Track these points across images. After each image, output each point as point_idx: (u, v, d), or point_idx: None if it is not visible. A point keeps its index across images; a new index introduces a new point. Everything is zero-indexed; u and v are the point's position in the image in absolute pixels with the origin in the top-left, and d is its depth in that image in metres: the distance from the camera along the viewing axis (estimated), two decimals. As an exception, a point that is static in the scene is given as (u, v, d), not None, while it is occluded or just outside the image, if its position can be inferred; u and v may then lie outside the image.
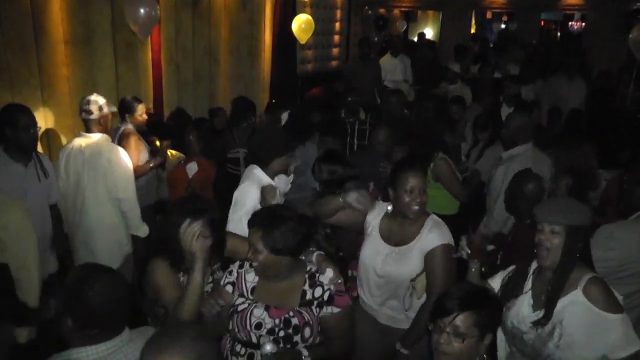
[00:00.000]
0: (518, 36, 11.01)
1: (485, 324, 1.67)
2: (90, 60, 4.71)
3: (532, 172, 2.95)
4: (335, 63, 9.45)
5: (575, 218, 1.93)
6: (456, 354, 1.65)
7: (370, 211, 2.58)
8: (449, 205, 3.80)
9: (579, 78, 6.29)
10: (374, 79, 6.74)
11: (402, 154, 3.57)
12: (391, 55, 7.57)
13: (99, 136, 3.39)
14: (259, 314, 2.02)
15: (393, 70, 7.37)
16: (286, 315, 2.01)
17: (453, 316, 1.65)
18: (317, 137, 4.30)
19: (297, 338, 2.01)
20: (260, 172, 2.91)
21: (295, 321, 2.01)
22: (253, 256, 2.00)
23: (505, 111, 5.29)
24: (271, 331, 2.00)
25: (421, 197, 2.41)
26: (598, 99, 6.07)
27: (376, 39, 10.29)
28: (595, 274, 1.95)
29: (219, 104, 5.93)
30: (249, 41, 6.90)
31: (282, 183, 3.25)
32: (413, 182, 2.40)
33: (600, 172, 4.13)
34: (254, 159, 3.00)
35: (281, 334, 2.00)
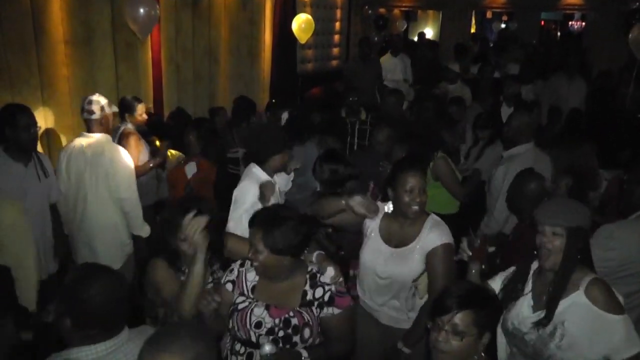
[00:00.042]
0: (518, 36, 11.02)
1: (484, 322, 1.67)
2: (90, 60, 4.71)
3: (535, 172, 2.95)
4: (335, 63, 9.45)
5: (576, 219, 1.92)
6: (454, 352, 1.65)
7: (374, 217, 2.54)
8: (449, 205, 3.80)
9: (579, 78, 6.28)
10: (375, 79, 6.74)
11: (402, 154, 3.57)
12: (391, 54, 7.57)
13: (100, 136, 3.38)
14: (259, 312, 2.02)
15: (393, 69, 7.36)
16: (286, 315, 2.00)
17: (452, 314, 1.65)
18: (318, 138, 4.30)
19: (297, 338, 2.00)
20: (258, 170, 2.93)
21: (295, 321, 2.00)
22: (254, 256, 1.99)
23: (506, 111, 5.29)
24: (271, 331, 1.99)
25: (421, 197, 2.41)
26: (598, 98, 6.06)
27: (376, 38, 10.28)
28: (597, 275, 1.95)
29: (219, 104, 5.93)
30: (249, 41, 6.90)
31: (283, 181, 3.26)
32: (413, 182, 2.40)
33: (601, 172, 4.12)
34: (252, 157, 3.01)
35: (280, 334, 1.99)
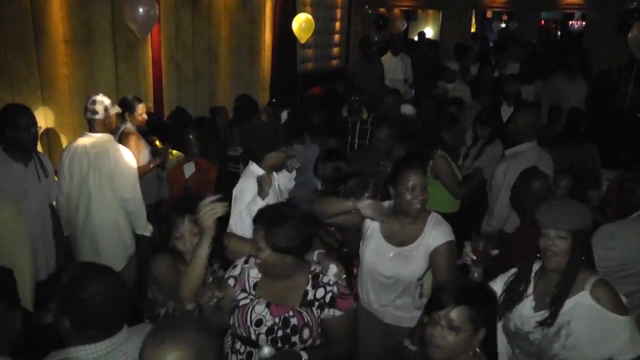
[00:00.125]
0: (518, 35, 11.01)
1: (479, 318, 1.67)
2: (90, 60, 4.71)
3: (539, 170, 2.95)
4: (335, 62, 9.44)
5: (580, 222, 1.93)
6: (449, 347, 1.65)
7: (382, 220, 2.50)
8: (449, 204, 3.79)
9: (580, 77, 6.26)
10: (377, 79, 6.74)
11: (402, 153, 3.58)
12: (392, 54, 7.58)
13: (103, 136, 3.35)
14: (260, 310, 2.01)
15: (393, 69, 7.37)
16: (285, 315, 1.99)
17: (448, 309, 1.64)
18: (318, 137, 4.30)
19: (295, 339, 1.99)
20: (256, 168, 2.96)
21: (294, 321, 1.99)
22: (256, 253, 1.99)
23: (506, 110, 5.29)
24: (270, 330, 1.98)
25: (423, 195, 2.42)
26: (598, 98, 6.06)
27: (376, 38, 10.28)
28: (600, 276, 1.96)
29: (219, 103, 5.92)
30: (249, 40, 6.90)
31: (286, 180, 3.30)
32: (414, 180, 2.40)
33: (602, 172, 4.12)
34: (249, 155, 3.05)
35: (279, 334, 1.98)
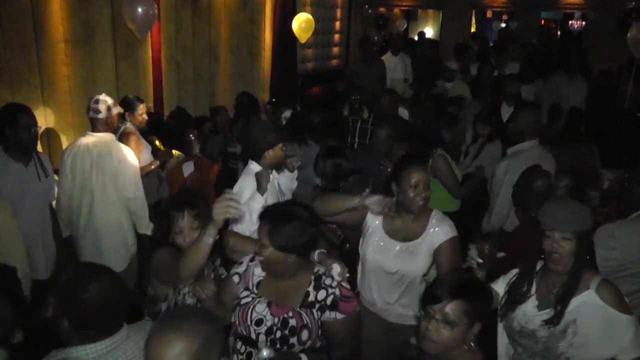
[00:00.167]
0: (518, 35, 10.99)
1: (475, 312, 1.66)
2: (91, 59, 4.70)
3: (541, 169, 2.95)
4: (335, 62, 9.44)
5: (584, 223, 1.93)
6: (444, 341, 1.64)
7: (391, 214, 2.49)
8: (449, 203, 3.78)
9: (580, 77, 6.26)
10: (377, 79, 6.73)
11: (402, 152, 3.59)
12: (392, 54, 7.58)
13: (106, 136, 3.33)
14: (261, 309, 2.00)
15: (393, 69, 7.36)
16: (285, 316, 1.98)
17: (443, 304, 1.64)
18: (318, 137, 4.30)
19: (294, 340, 1.97)
20: (255, 165, 3.02)
21: (292, 322, 1.97)
22: (259, 250, 1.98)
23: (506, 110, 5.28)
24: (269, 330, 1.97)
25: (425, 192, 2.43)
26: (598, 98, 6.06)
27: (376, 38, 10.28)
28: (603, 276, 1.97)
29: (219, 103, 5.92)
30: (249, 40, 6.89)
31: (287, 180, 3.34)
32: (417, 177, 2.41)
33: (602, 172, 4.12)
34: (249, 153, 3.11)
35: (278, 334, 1.97)
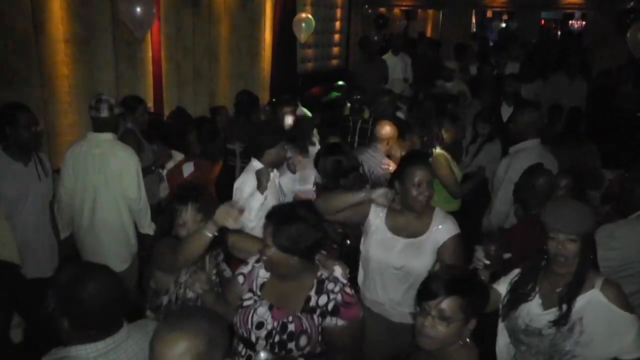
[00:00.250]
0: (518, 35, 10.99)
1: (470, 308, 1.65)
2: (91, 59, 4.71)
3: (543, 167, 2.95)
4: (335, 62, 9.45)
5: (588, 224, 1.94)
6: (440, 337, 1.63)
7: (398, 207, 2.50)
8: (449, 202, 3.78)
9: (580, 77, 6.26)
10: (378, 79, 6.73)
11: (401, 152, 3.59)
12: (392, 53, 7.57)
13: (108, 136, 3.29)
14: (263, 312, 1.98)
15: (393, 68, 7.35)
16: (284, 320, 1.95)
17: (439, 300, 1.62)
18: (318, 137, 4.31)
19: (292, 345, 1.94)
20: (257, 163, 3.09)
21: (291, 327, 1.94)
22: (263, 250, 1.96)
23: (505, 110, 5.29)
24: (269, 333, 1.95)
25: (428, 191, 2.44)
26: (598, 98, 6.05)
27: (376, 37, 10.26)
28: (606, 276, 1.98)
29: (219, 103, 5.92)
30: (249, 40, 6.90)
31: (289, 181, 3.38)
32: (420, 176, 2.42)
33: (603, 172, 4.12)
34: (251, 151, 3.19)
35: (277, 339, 1.94)
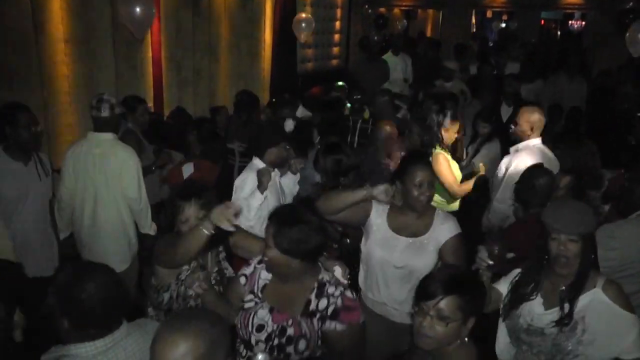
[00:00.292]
0: (518, 35, 11.00)
1: (469, 308, 1.65)
2: (91, 59, 4.71)
3: (544, 167, 2.96)
4: (335, 62, 9.44)
5: (589, 224, 1.94)
6: (439, 337, 1.63)
7: (399, 203, 2.49)
8: (450, 201, 3.79)
9: (580, 77, 6.26)
10: (380, 79, 6.73)
11: (401, 152, 3.59)
12: (392, 54, 7.57)
13: (108, 136, 3.29)
14: (263, 315, 1.96)
15: (393, 68, 7.35)
16: (284, 324, 1.93)
17: (437, 300, 1.62)
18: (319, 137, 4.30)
19: (290, 349, 1.92)
20: (258, 162, 3.13)
21: (290, 331, 1.92)
22: (264, 250, 1.95)
23: (505, 110, 5.29)
24: (269, 336, 1.93)
25: (430, 191, 2.45)
26: (598, 98, 6.06)
27: (376, 37, 10.26)
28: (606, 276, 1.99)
29: (219, 103, 5.93)
30: (249, 40, 6.90)
31: (290, 182, 3.39)
32: (421, 176, 2.43)
33: (603, 172, 4.11)
34: (253, 149, 3.22)
35: (275, 342, 1.92)
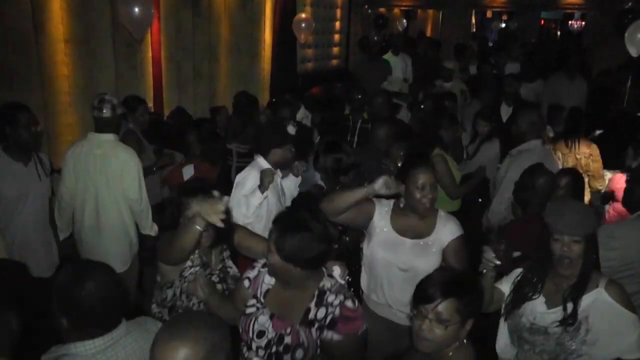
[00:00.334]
0: (518, 35, 11.00)
1: (467, 310, 1.65)
2: (91, 59, 4.72)
3: (544, 167, 2.96)
4: (335, 62, 9.45)
5: (592, 225, 1.94)
6: (438, 340, 1.63)
7: (402, 191, 2.48)
8: (448, 202, 3.78)
9: (580, 77, 6.25)
10: (381, 79, 6.73)
11: (400, 152, 3.59)
12: (392, 54, 7.57)
13: (109, 136, 3.26)
14: (264, 321, 1.93)
15: (393, 68, 7.35)
16: (282, 332, 1.90)
17: (436, 303, 1.62)
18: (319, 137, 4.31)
19: (287, 358, 1.88)
20: (262, 160, 3.12)
21: (287, 340, 1.88)
22: (267, 254, 1.93)
23: (505, 110, 5.28)
24: (268, 344, 1.90)
25: (432, 193, 2.45)
26: (598, 98, 6.05)
27: (376, 37, 10.26)
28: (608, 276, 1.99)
29: (219, 103, 5.92)
30: (249, 40, 6.91)
31: (291, 184, 3.38)
32: (424, 179, 2.43)
33: (603, 172, 4.12)
34: (258, 148, 3.20)
35: (273, 349, 1.89)
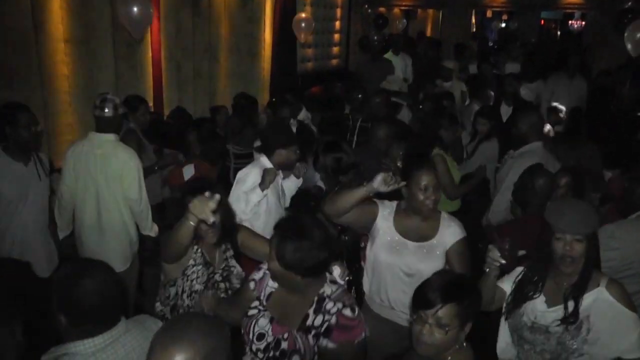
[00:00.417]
0: (518, 35, 11.00)
1: (466, 314, 1.66)
2: (90, 59, 4.71)
3: (543, 168, 2.96)
4: (335, 62, 9.45)
5: (594, 224, 1.95)
6: (438, 344, 1.65)
7: (403, 185, 2.44)
8: (448, 202, 3.78)
9: (580, 77, 6.26)
10: (382, 79, 6.74)
11: (400, 151, 3.60)
12: (392, 53, 7.57)
13: (110, 136, 3.25)
14: (263, 324, 1.93)
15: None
16: (279, 337, 1.89)
17: (436, 309, 1.63)
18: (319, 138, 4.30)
19: None
20: (265, 159, 3.12)
21: (284, 345, 1.87)
22: (268, 260, 1.92)
23: (505, 110, 5.28)
24: (267, 347, 1.89)
25: (435, 195, 2.44)
26: (598, 98, 6.06)
27: (376, 37, 10.25)
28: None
29: (219, 103, 5.92)
30: (249, 40, 6.91)
31: (292, 185, 3.38)
32: (426, 180, 2.42)
33: (603, 173, 4.12)
34: (263, 147, 3.21)
35: (271, 354, 1.88)
